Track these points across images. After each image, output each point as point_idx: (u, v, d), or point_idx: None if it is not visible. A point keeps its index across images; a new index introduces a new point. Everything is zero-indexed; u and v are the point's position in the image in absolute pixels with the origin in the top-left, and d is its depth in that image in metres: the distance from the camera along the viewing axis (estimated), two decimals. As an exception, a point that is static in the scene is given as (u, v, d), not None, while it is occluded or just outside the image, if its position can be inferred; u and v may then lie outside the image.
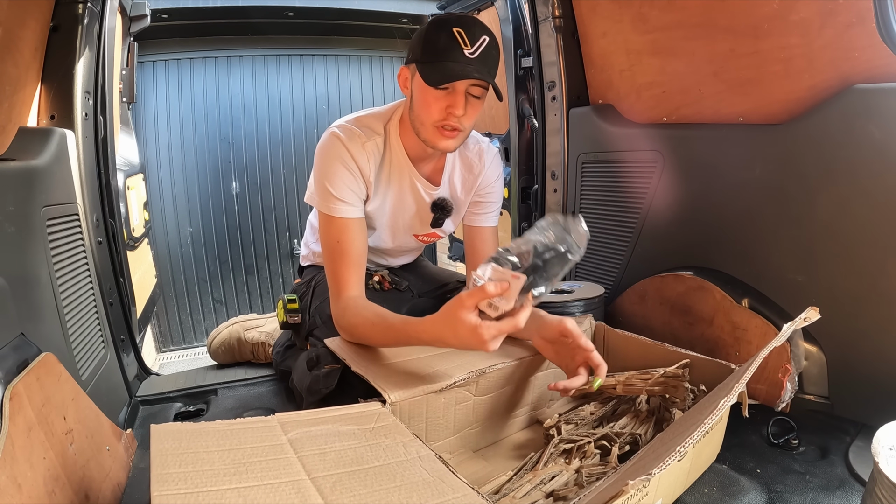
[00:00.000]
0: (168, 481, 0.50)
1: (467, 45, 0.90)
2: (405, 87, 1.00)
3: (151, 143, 2.53)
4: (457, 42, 0.89)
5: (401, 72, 1.00)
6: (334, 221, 0.99)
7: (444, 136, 0.96)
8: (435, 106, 0.93)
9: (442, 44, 0.90)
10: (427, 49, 0.92)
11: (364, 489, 0.54)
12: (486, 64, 0.92)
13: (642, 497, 0.57)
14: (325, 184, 0.98)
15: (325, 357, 0.95)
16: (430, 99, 0.93)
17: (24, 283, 0.80)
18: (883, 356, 0.88)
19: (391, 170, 1.05)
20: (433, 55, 0.91)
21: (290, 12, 2.44)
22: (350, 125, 1.01)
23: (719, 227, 1.13)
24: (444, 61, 0.90)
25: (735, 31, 1.04)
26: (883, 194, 0.85)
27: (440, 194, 1.11)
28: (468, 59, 0.90)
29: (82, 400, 0.78)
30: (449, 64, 0.90)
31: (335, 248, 0.98)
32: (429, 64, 0.92)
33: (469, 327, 0.72)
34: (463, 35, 0.90)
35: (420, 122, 0.96)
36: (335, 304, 0.97)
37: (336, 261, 0.98)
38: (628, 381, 0.88)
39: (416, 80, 0.95)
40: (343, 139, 0.98)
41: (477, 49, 0.90)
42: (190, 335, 2.72)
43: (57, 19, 1.08)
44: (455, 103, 0.92)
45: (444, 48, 0.90)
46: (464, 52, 0.90)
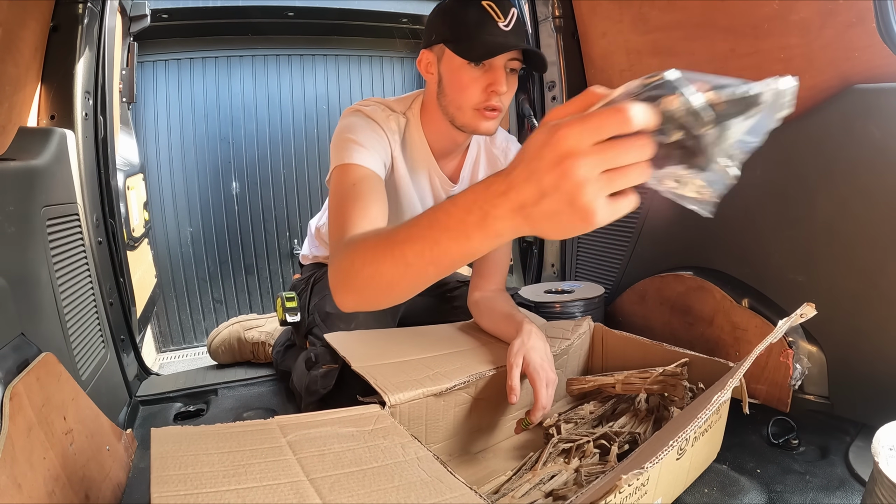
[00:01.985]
0: (168, 483, 0.50)
1: (500, 17, 0.84)
2: (428, 72, 0.93)
3: (151, 143, 2.53)
4: (489, 15, 0.84)
5: (421, 56, 0.93)
6: (351, 168, 0.84)
7: (485, 117, 0.89)
8: (473, 87, 0.87)
9: (473, 18, 0.84)
10: (457, 26, 0.86)
11: (362, 489, 0.54)
12: (521, 35, 0.87)
13: (641, 496, 0.57)
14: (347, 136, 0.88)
15: (323, 357, 0.94)
16: (465, 80, 0.87)
17: (24, 283, 0.81)
18: (883, 356, 0.88)
19: (411, 159, 0.99)
20: (466, 31, 0.85)
21: (290, 12, 2.44)
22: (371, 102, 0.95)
23: (719, 227, 1.13)
24: (481, 35, 0.84)
25: (735, 31, 1.04)
26: (883, 194, 0.85)
27: (456, 191, 1.05)
28: (504, 31, 0.84)
29: (82, 400, 0.78)
30: (486, 38, 0.84)
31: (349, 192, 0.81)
32: (462, 40, 0.85)
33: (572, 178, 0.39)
34: (494, 7, 0.85)
35: (456, 106, 0.90)
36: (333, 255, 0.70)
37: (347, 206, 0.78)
38: (627, 380, 0.88)
39: (447, 62, 0.88)
40: (366, 110, 0.92)
41: (510, 20, 0.85)
42: (190, 335, 2.72)
43: (57, 19, 1.08)
44: (496, 80, 0.86)
45: (476, 22, 0.84)
46: (498, 25, 0.84)
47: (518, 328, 0.89)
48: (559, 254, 1.64)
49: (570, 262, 1.59)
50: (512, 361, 0.83)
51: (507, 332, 0.93)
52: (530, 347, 0.84)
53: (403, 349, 0.91)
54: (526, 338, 0.86)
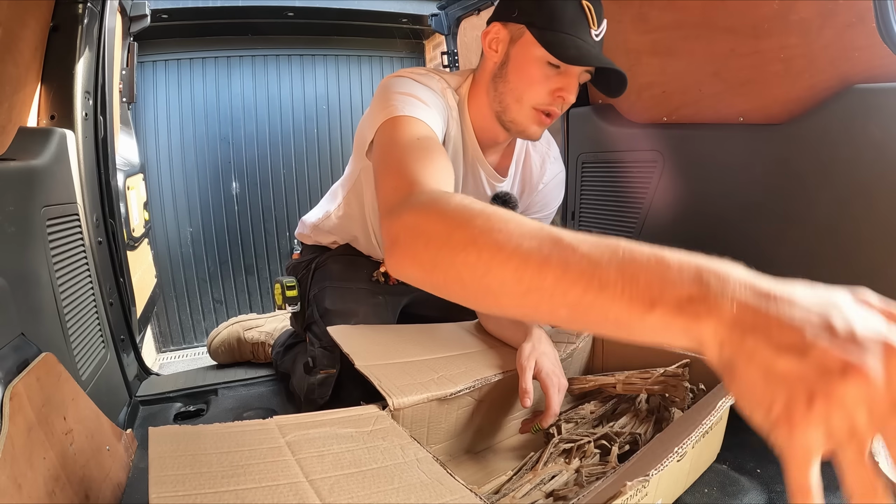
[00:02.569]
0: (166, 483, 0.50)
1: (594, 24, 0.77)
2: (492, 48, 0.82)
3: (151, 143, 2.53)
4: (585, 18, 0.77)
5: (491, 28, 0.82)
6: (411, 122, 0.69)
7: (540, 121, 0.83)
8: (544, 85, 0.79)
9: (570, 14, 0.77)
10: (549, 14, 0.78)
11: (362, 491, 0.54)
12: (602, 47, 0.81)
13: (642, 497, 0.57)
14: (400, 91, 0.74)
15: (321, 360, 0.93)
16: (537, 74, 0.79)
17: (24, 283, 0.81)
18: (883, 356, 0.88)
19: (454, 146, 0.88)
20: (558, 24, 0.77)
21: (290, 12, 2.44)
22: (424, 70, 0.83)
23: (719, 227, 1.13)
24: (572, 35, 0.76)
25: (735, 31, 1.04)
26: (883, 194, 0.84)
27: (505, 188, 0.97)
28: (594, 41, 0.78)
29: (82, 400, 0.78)
30: (577, 40, 0.76)
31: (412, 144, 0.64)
32: (553, 32, 0.76)
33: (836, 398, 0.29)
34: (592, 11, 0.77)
35: (516, 97, 0.81)
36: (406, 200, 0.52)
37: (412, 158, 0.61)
38: (628, 380, 0.88)
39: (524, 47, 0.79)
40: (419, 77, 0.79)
41: (601, 31, 0.79)
42: (190, 335, 2.72)
43: (57, 19, 1.08)
44: (569, 87, 0.79)
45: (571, 20, 0.76)
46: (591, 32, 0.77)
47: (527, 332, 0.87)
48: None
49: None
50: (524, 364, 0.80)
51: (514, 337, 0.91)
52: (541, 352, 0.82)
53: (408, 349, 0.90)
54: (536, 342, 0.84)
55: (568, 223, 1.58)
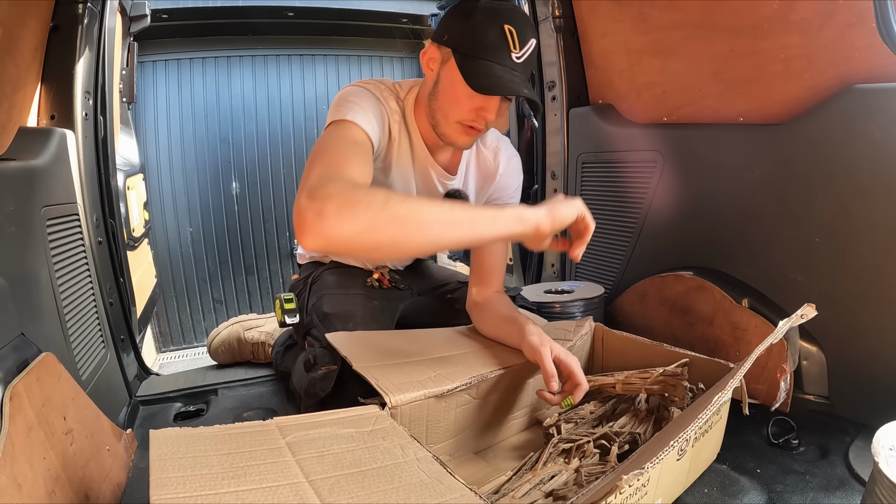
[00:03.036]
0: (167, 485, 0.50)
1: (516, 47, 0.81)
2: (429, 68, 0.89)
3: (151, 143, 2.54)
4: (506, 43, 0.81)
5: (427, 50, 0.89)
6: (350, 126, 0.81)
7: (466, 133, 0.89)
8: (466, 104, 0.85)
9: (490, 40, 0.81)
10: (470, 39, 0.82)
11: (362, 491, 0.54)
12: (528, 70, 0.85)
13: (641, 497, 0.57)
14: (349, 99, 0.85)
15: (321, 358, 0.94)
16: (461, 95, 0.84)
17: (24, 283, 0.81)
18: (883, 356, 0.88)
19: (402, 150, 0.96)
20: (479, 50, 0.82)
21: (290, 12, 2.44)
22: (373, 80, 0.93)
23: (719, 227, 1.13)
24: (490, 62, 0.81)
25: (735, 31, 1.04)
26: (883, 194, 0.85)
27: (456, 185, 1.03)
28: (515, 64, 0.82)
29: (82, 400, 0.79)
30: (495, 67, 0.81)
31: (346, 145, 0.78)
32: (471, 59, 0.82)
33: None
34: (514, 35, 0.81)
35: (443, 114, 0.89)
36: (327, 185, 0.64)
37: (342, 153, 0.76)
38: (627, 380, 0.88)
39: (450, 70, 0.85)
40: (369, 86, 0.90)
41: (524, 52, 0.82)
42: (190, 335, 2.72)
43: (57, 19, 1.08)
44: (489, 108, 0.85)
45: (490, 45, 0.81)
46: (511, 56, 0.81)
47: (522, 329, 0.90)
48: (559, 254, 1.64)
49: (570, 262, 1.59)
50: (541, 350, 0.83)
51: (509, 335, 0.93)
52: (549, 339, 0.86)
53: (405, 350, 0.91)
54: (540, 332, 0.87)
55: (568, 223, 1.58)
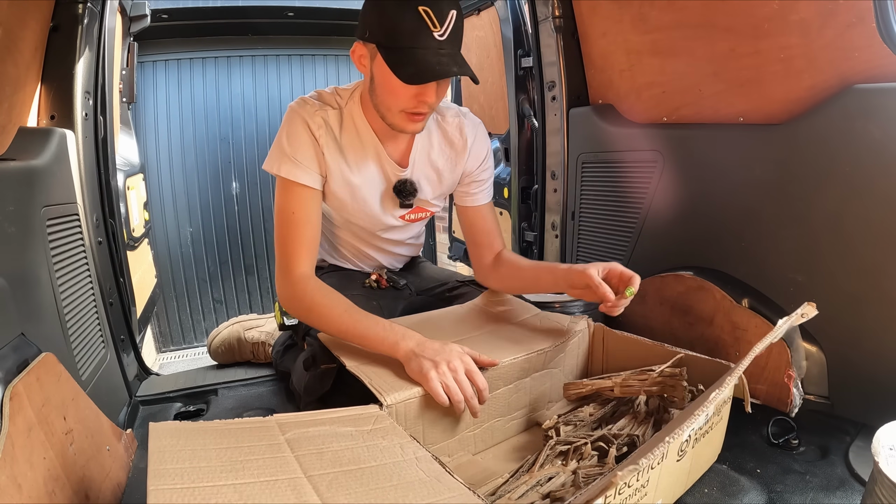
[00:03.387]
0: (165, 476, 0.50)
1: (436, 25, 0.79)
2: (361, 64, 0.90)
3: (151, 143, 2.54)
4: (424, 23, 0.79)
5: (355, 48, 0.90)
6: (291, 187, 0.94)
7: (412, 120, 0.90)
8: (403, 94, 0.86)
9: (407, 26, 0.80)
10: (390, 31, 0.82)
11: (360, 488, 0.54)
12: (456, 42, 0.83)
13: (641, 497, 0.57)
14: (284, 143, 0.94)
15: (321, 357, 0.94)
16: (396, 87, 0.85)
17: (24, 283, 0.81)
18: (883, 356, 0.88)
19: (354, 149, 0.99)
20: (397, 39, 0.81)
21: (290, 12, 2.44)
22: (305, 97, 0.98)
23: (719, 227, 1.13)
24: (413, 48, 0.80)
25: (735, 31, 1.04)
26: (883, 194, 0.84)
27: (406, 176, 1.04)
28: (439, 42, 0.80)
29: (82, 400, 0.79)
30: (419, 52, 0.80)
31: (289, 219, 0.94)
32: (394, 51, 0.82)
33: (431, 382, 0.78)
34: (430, 14, 0.79)
35: (385, 107, 0.90)
36: (283, 279, 0.94)
37: (289, 233, 0.94)
38: (625, 383, 0.88)
39: (379, 65, 0.86)
40: (297, 107, 0.95)
41: (446, 28, 0.80)
42: (190, 335, 2.72)
43: (57, 19, 1.08)
44: (427, 92, 0.85)
45: (410, 32, 0.80)
46: (433, 36, 0.80)
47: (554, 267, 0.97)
48: (559, 254, 1.64)
49: (569, 261, 1.59)
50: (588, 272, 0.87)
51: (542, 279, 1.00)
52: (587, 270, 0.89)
53: None
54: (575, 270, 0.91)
55: (568, 223, 1.58)
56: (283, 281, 0.94)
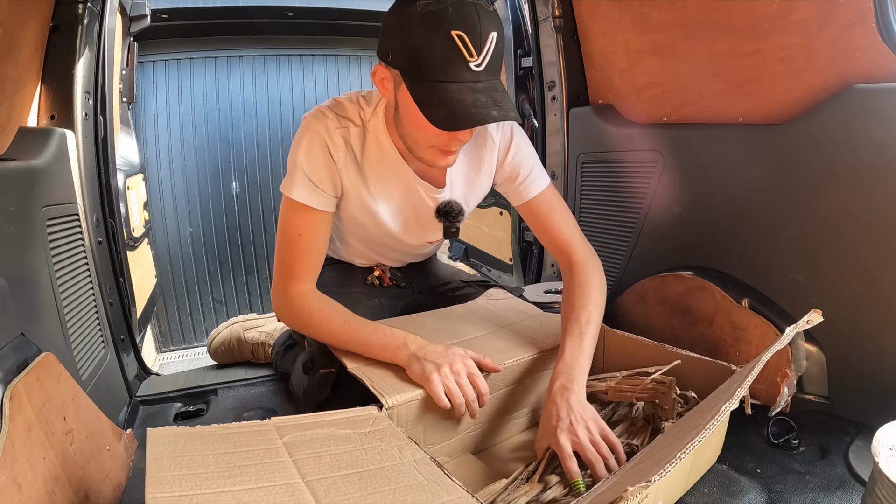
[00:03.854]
0: (163, 484, 0.50)
1: (473, 54, 0.68)
2: (384, 88, 0.80)
3: (151, 143, 2.54)
4: (459, 52, 0.68)
5: (376, 70, 0.79)
6: (300, 208, 0.87)
7: (444, 155, 0.81)
8: (434, 132, 0.76)
9: (438, 55, 0.68)
10: (416, 59, 0.70)
11: (358, 492, 0.54)
12: (495, 71, 0.73)
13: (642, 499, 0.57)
14: (299, 163, 0.86)
15: (319, 360, 0.94)
16: (424, 123, 0.73)
17: (24, 283, 0.81)
18: (883, 356, 0.88)
19: (378, 170, 0.90)
20: (428, 70, 0.69)
21: (290, 12, 2.44)
22: (325, 108, 0.88)
23: (719, 227, 1.13)
24: (445, 82, 0.69)
25: (735, 31, 1.04)
26: (883, 194, 0.84)
27: (445, 197, 0.95)
28: (475, 74, 0.69)
29: (82, 400, 0.79)
30: (452, 89, 0.69)
31: (295, 241, 0.88)
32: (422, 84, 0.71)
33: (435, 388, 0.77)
34: (466, 40, 0.67)
35: (413, 140, 0.81)
36: (280, 292, 0.90)
37: (292, 254, 0.89)
38: (619, 387, 0.88)
39: (405, 96, 0.74)
40: (315, 123, 0.86)
41: (485, 56, 0.69)
42: (190, 335, 2.72)
43: (57, 19, 1.08)
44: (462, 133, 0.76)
45: (441, 62, 0.69)
46: (469, 66, 0.68)
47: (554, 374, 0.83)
48: (559, 254, 1.64)
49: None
50: (566, 453, 0.72)
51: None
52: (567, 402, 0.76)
53: None
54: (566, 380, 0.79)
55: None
56: (281, 294, 0.90)
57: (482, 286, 1.20)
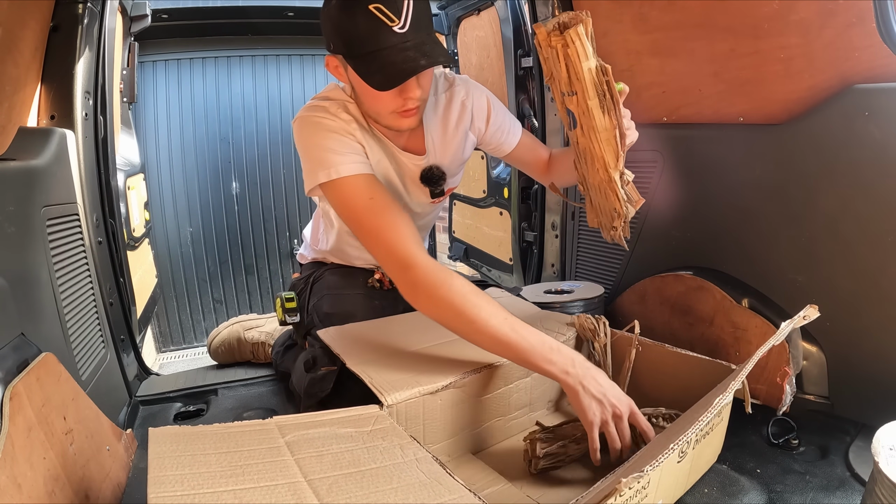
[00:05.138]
0: (164, 483, 0.50)
1: (393, 19, 0.75)
2: (340, 75, 0.88)
3: (151, 143, 2.53)
4: (380, 21, 0.74)
5: (328, 60, 0.87)
6: (350, 182, 0.84)
7: (405, 117, 0.86)
8: (385, 97, 0.83)
9: (363, 30, 0.75)
10: (347, 40, 0.78)
11: (360, 491, 0.54)
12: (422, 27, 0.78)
13: (642, 499, 0.57)
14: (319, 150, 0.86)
15: (321, 358, 0.94)
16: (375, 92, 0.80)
17: (24, 283, 0.81)
18: (883, 356, 0.88)
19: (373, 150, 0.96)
20: (358, 46, 0.77)
21: (290, 12, 2.44)
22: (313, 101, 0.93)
23: (719, 227, 1.13)
24: (375, 51, 0.76)
25: (735, 31, 1.04)
26: (883, 194, 0.84)
27: (428, 162, 1.01)
28: (402, 37, 0.75)
29: (82, 400, 0.79)
30: (383, 54, 0.76)
31: (369, 206, 0.83)
32: (360, 59, 0.78)
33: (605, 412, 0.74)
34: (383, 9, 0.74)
35: (375, 113, 0.88)
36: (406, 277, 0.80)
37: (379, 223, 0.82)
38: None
39: (353, 74, 0.82)
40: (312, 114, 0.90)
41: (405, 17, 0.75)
42: (190, 335, 2.72)
43: (57, 19, 1.08)
44: (409, 88, 0.81)
45: (367, 35, 0.75)
46: (393, 31, 0.75)
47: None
48: (559, 254, 1.64)
49: (570, 261, 1.59)
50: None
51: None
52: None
53: (398, 341, 0.91)
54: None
55: (568, 223, 1.58)
56: (407, 279, 0.80)
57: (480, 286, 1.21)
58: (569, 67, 0.73)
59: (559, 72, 0.75)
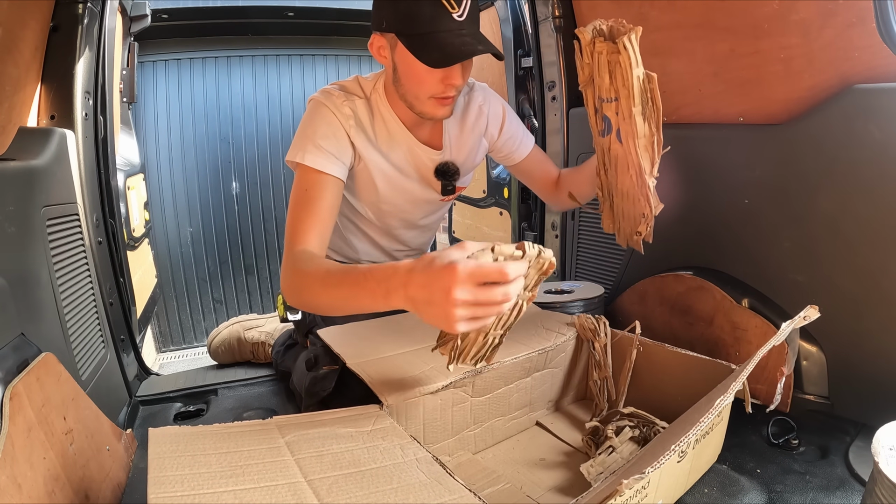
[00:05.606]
0: (165, 484, 0.50)
1: (454, 7, 0.81)
2: (381, 55, 0.91)
3: (151, 143, 2.54)
4: (442, 6, 0.80)
5: (373, 40, 0.90)
6: (308, 172, 0.89)
7: (442, 105, 0.90)
8: (429, 80, 0.87)
9: (426, 11, 0.81)
10: (407, 18, 0.82)
11: (361, 491, 0.54)
12: (475, 21, 0.84)
13: (642, 499, 0.57)
14: (309, 132, 0.91)
15: (323, 358, 0.94)
16: (421, 73, 0.86)
17: (24, 283, 0.81)
18: (883, 356, 0.88)
19: (383, 138, 0.99)
20: (417, 26, 0.82)
21: (290, 12, 2.44)
22: (330, 87, 0.97)
23: (719, 227, 1.13)
24: (434, 32, 0.81)
25: (735, 31, 1.04)
26: (883, 194, 0.84)
27: (444, 158, 1.05)
28: (459, 24, 0.82)
29: (82, 400, 0.78)
30: (441, 36, 0.81)
31: (301, 197, 0.88)
32: (416, 38, 0.82)
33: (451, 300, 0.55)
34: None
35: (413, 95, 0.90)
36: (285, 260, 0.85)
37: (299, 212, 0.87)
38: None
39: (401, 54, 0.86)
40: (322, 99, 0.94)
41: (465, 7, 0.82)
42: (190, 335, 2.72)
43: (57, 19, 1.08)
44: (453, 75, 0.86)
45: (429, 16, 0.81)
46: (453, 17, 0.81)
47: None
48: (559, 254, 1.64)
49: (570, 261, 1.59)
50: None
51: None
52: None
53: (398, 340, 0.91)
54: None
55: (568, 223, 1.58)
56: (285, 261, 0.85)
57: None
58: (613, 73, 0.73)
59: (601, 77, 0.75)
